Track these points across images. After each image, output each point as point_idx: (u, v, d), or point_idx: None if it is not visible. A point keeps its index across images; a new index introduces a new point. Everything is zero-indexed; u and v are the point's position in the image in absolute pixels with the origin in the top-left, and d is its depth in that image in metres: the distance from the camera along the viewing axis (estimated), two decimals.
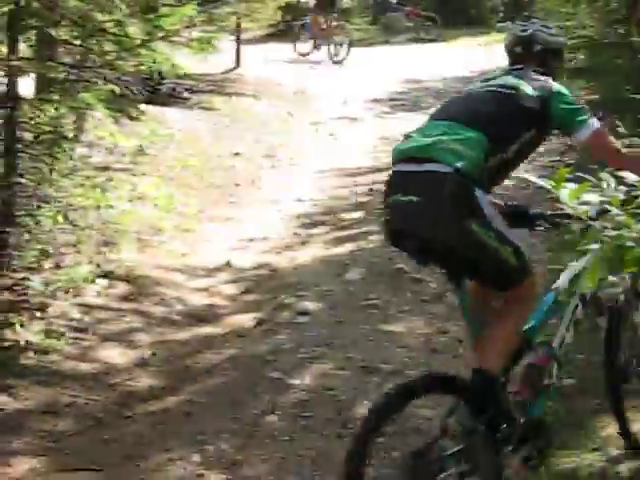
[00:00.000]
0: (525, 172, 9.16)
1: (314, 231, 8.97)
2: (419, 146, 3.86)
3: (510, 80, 4.13)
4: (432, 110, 4.27)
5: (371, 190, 10.21)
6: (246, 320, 6.90)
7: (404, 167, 3.91)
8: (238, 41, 17.67)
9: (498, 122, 3.90)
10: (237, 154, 11.47)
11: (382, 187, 9.89)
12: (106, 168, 9.82)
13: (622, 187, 2.12)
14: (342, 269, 7.82)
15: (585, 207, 1.97)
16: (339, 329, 6.65)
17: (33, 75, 7.84)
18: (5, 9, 6.61)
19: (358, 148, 12.31)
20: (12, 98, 6.79)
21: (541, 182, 2.10)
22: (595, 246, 1.95)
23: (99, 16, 7.18)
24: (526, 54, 4.34)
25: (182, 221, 8.91)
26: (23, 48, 7.41)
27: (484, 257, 3.63)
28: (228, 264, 8.06)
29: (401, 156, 3.94)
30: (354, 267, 7.82)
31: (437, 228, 3.67)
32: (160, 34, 7.20)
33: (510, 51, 4.45)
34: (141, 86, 11.77)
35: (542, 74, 4.18)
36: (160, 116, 12.33)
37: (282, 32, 25.73)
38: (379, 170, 11.10)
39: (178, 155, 10.92)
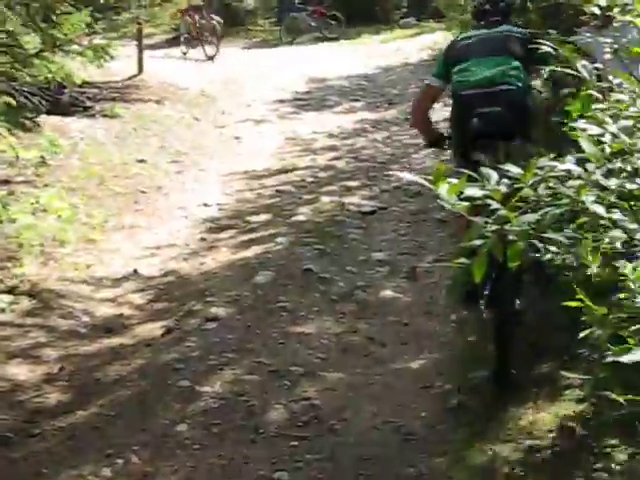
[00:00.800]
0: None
1: (221, 236, 8.91)
2: (490, 76, 5.74)
3: (505, 27, 6.04)
4: (338, 108, 4.66)
5: (277, 192, 10.22)
6: (155, 329, 6.82)
7: (481, 90, 5.75)
8: (140, 47, 17.47)
9: (521, 55, 5.75)
10: (142, 161, 11.34)
11: (289, 188, 9.95)
12: (7, 181, 9.65)
13: (505, 180, 2.13)
14: (250, 273, 7.79)
15: (465, 203, 1.98)
16: (249, 334, 6.62)
17: None
18: None
19: (264, 150, 12.29)
20: None
21: (419, 179, 2.09)
22: (478, 242, 1.97)
23: None
24: (494, 10, 6.13)
25: (87, 232, 8.77)
26: None
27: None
28: (135, 273, 7.96)
29: (475, 84, 5.78)
30: (262, 270, 7.79)
31: (514, 124, 5.65)
32: (54, 43, 7.10)
33: (480, 9, 6.20)
34: (41, 96, 11.56)
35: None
36: (62, 126, 12.13)
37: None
38: (285, 171, 11.12)
39: (82, 165, 10.75)
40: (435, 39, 20.37)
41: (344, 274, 7.71)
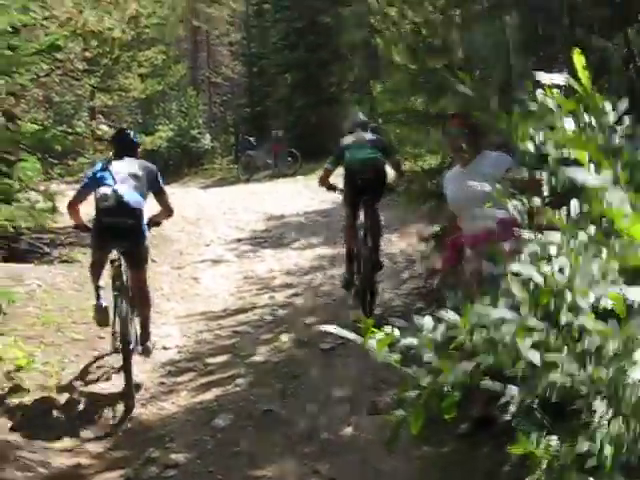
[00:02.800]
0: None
1: (181, 379, 8.83)
2: (368, 157, 10.19)
3: (370, 134, 10.68)
4: (295, 244, 5.01)
5: (236, 332, 10.20)
6: (113, 478, 6.69)
7: (363, 164, 10.15)
8: None
9: (381, 149, 10.40)
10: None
11: (247, 328, 9.90)
12: None
13: (441, 326, 2.13)
14: (210, 416, 7.70)
15: (396, 355, 1.98)
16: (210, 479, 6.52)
17: None
18: None
19: (222, 290, 12.31)
20: None
21: (346, 334, 2.09)
22: (413, 393, 1.96)
23: None
24: (364, 128, 10.93)
25: (43, 380, 8.66)
26: None
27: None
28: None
29: (360, 161, 10.18)
30: (222, 413, 7.72)
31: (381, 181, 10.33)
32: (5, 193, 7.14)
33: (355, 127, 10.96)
34: None
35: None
36: (19, 273, 12.10)
37: None
38: (244, 311, 11.11)
39: (38, 312, 10.68)
40: (390, 172, 20.65)
41: (304, 414, 7.64)
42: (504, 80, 9.08)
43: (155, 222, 9.02)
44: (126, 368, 8.14)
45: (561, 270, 2.38)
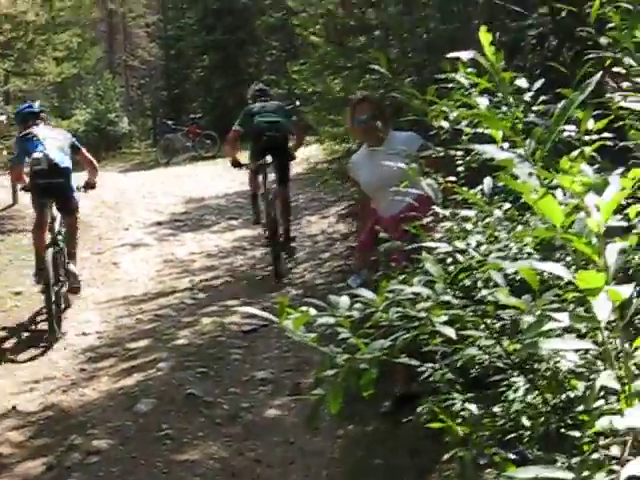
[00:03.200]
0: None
1: (101, 364, 8.74)
2: (274, 120, 11.48)
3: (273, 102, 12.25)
4: (215, 227, 5.02)
5: (157, 316, 10.14)
6: (36, 466, 6.59)
7: (270, 124, 11.44)
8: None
9: (284, 114, 11.76)
10: (18, 293, 11.14)
11: (169, 312, 9.86)
12: None
13: (359, 305, 2.14)
14: (132, 401, 7.63)
15: (312, 334, 1.98)
16: (132, 465, 6.46)
17: None
18: None
19: (142, 274, 12.22)
20: None
21: (263, 314, 2.09)
22: (331, 372, 1.96)
23: None
24: (264, 95, 12.27)
25: None
26: None
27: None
28: (14, 409, 7.73)
29: (266, 122, 11.43)
30: (144, 398, 7.65)
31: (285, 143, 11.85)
32: None
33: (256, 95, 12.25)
34: None
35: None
36: None
37: None
38: (164, 294, 11.05)
39: None
40: (309, 152, 20.69)
41: (228, 396, 7.63)
42: (422, 59, 9.13)
43: (91, 185, 10.68)
44: (49, 308, 9.42)
45: (477, 246, 2.41)
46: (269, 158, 11.45)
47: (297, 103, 17.27)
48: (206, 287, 11.33)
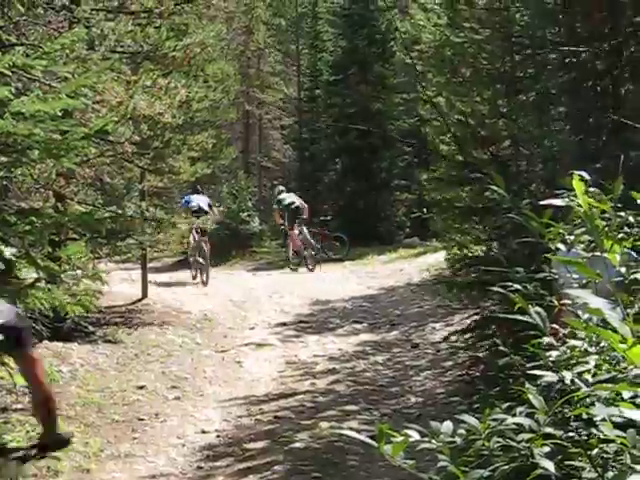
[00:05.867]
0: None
1: (218, 463, 8.77)
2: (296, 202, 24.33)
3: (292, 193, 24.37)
4: (340, 330, 4.78)
5: (276, 417, 10.15)
6: None
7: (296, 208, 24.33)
8: (144, 272, 17.74)
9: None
10: (141, 387, 11.30)
11: (288, 414, 9.88)
12: (4, 409, 9.60)
13: (462, 432, 2.11)
14: None
15: (410, 461, 1.96)
16: None
17: None
18: None
19: (264, 375, 12.28)
20: None
21: (364, 438, 2.08)
22: None
23: None
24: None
25: (82, 461, 8.65)
26: None
27: None
28: None
29: (293, 204, 24.47)
30: None
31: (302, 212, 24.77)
32: (51, 275, 7.23)
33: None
34: (42, 323, 11.62)
35: None
36: (63, 352, 12.17)
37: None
38: (285, 396, 11.07)
39: (80, 392, 10.72)
40: (438, 258, 20.67)
41: None
42: (550, 171, 9.09)
43: None
44: None
45: (583, 376, 2.36)
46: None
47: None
48: (327, 391, 11.30)
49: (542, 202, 2.51)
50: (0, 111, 6.75)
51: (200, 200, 21.97)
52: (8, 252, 6.96)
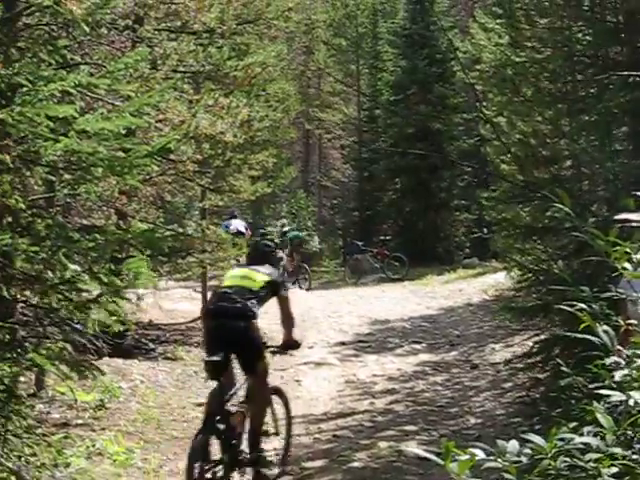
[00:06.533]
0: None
1: None
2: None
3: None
4: (399, 350, 4.89)
5: (335, 436, 10.12)
6: None
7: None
8: (204, 289, 17.82)
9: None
10: (200, 404, 11.32)
11: (347, 433, 9.81)
12: (65, 424, 9.70)
13: (527, 451, 2.08)
14: None
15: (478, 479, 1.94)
16: None
17: None
18: None
19: (323, 394, 12.27)
20: None
21: (430, 456, 2.06)
22: None
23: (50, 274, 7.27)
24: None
25: (141, 477, 8.71)
26: None
27: None
28: None
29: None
30: None
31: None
32: (114, 290, 7.29)
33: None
34: (103, 340, 11.73)
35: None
36: (123, 369, 12.28)
37: None
38: (343, 415, 11.04)
39: (140, 408, 10.80)
40: (497, 279, 20.53)
41: None
42: (612, 192, 8.99)
43: None
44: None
45: None
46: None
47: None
48: (385, 410, 11.26)
49: (617, 217, 2.48)
50: (65, 129, 6.84)
51: (237, 224, 23.94)
52: (72, 268, 7.04)
